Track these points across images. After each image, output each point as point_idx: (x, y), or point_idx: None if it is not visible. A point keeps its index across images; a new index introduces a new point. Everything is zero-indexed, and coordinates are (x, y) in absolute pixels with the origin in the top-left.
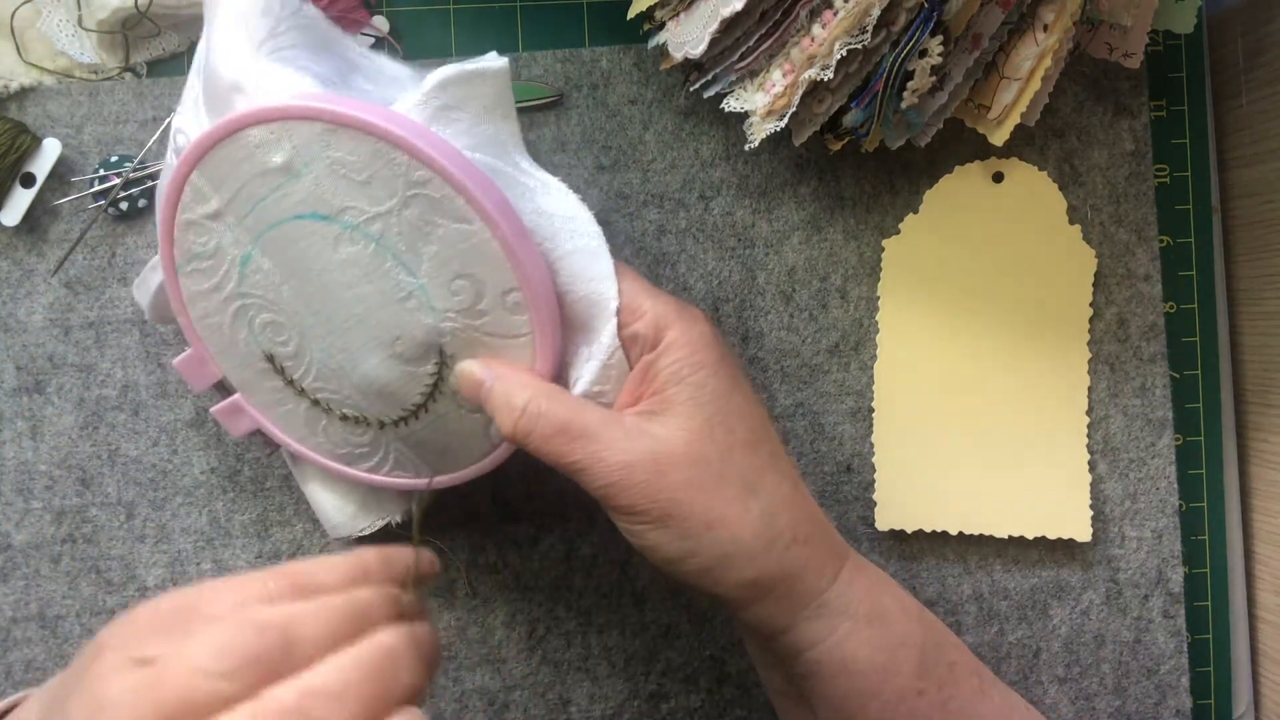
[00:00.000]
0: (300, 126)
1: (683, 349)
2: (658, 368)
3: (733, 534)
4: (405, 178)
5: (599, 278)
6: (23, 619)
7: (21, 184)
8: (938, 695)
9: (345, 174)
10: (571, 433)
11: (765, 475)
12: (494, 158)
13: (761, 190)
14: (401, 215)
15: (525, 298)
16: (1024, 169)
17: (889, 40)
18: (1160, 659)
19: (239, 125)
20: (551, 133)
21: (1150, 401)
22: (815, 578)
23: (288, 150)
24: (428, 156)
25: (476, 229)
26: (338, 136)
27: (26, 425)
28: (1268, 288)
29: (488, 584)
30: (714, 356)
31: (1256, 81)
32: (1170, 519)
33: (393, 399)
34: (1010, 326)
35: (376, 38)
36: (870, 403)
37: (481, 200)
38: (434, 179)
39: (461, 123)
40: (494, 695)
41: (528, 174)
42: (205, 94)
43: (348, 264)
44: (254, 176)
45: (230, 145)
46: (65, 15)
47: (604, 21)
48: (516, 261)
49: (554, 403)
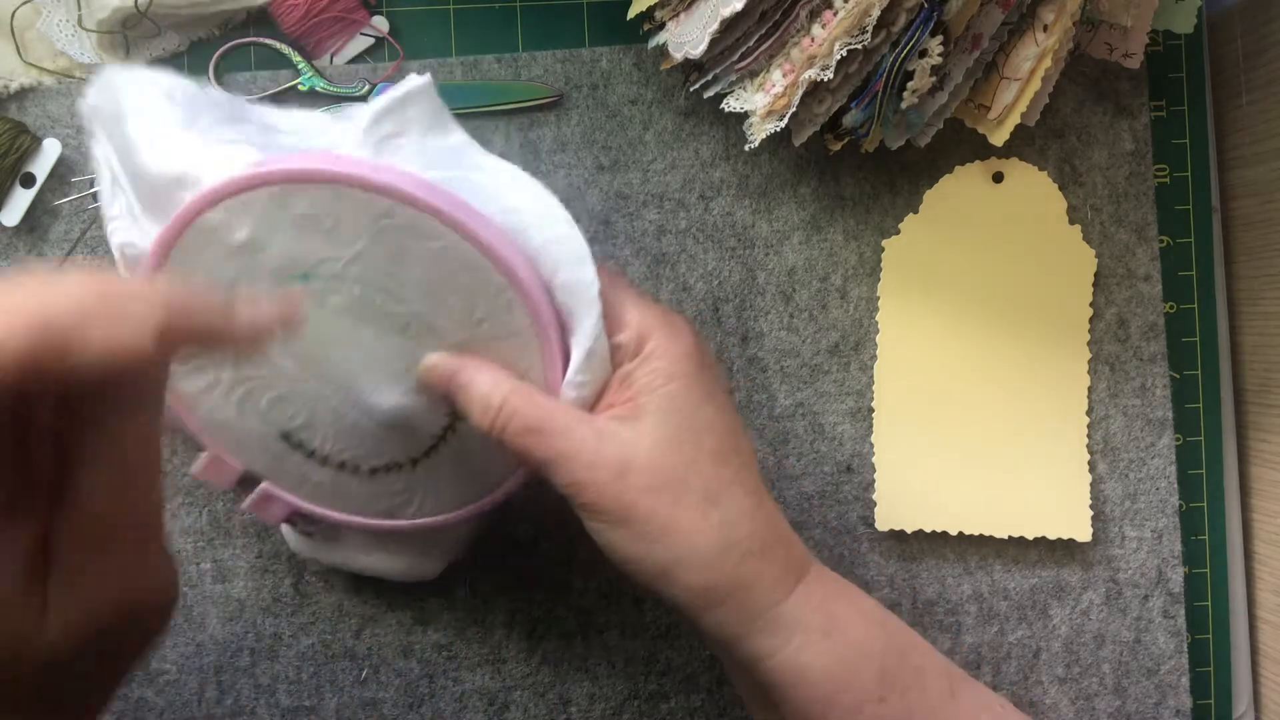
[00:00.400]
0: (254, 196)
1: (660, 360)
2: (635, 376)
3: (688, 540)
4: (369, 212)
5: (576, 262)
6: None
7: (21, 184)
8: (900, 702)
9: (311, 227)
10: (544, 431)
11: (729, 487)
12: (450, 169)
13: (761, 190)
14: (376, 250)
15: (516, 293)
16: (1024, 169)
17: (889, 40)
18: (1160, 659)
19: (194, 213)
20: (551, 133)
21: (1150, 401)
22: (769, 590)
23: (248, 223)
24: (383, 186)
25: (451, 242)
26: (293, 194)
27: None
28: (1268, 288)
29: (488, 584)
30: (690, 369)
31: (1256, 81)
32: (1170, 519)
33: (416, 432)
34: (1010, 327)
35: (376, 38)
36: (870, 403)
37: (448, 212)
38: (396, 206)
39: (407, 148)
40: (494, 695)
41: (490, 172)
42: (142, 201)
43: (339, 314)
44: (220, 260)
45: (189, 237)
46: (65, 15)
47: (604, 21)
48: (497, 259)
49: (528, 402)
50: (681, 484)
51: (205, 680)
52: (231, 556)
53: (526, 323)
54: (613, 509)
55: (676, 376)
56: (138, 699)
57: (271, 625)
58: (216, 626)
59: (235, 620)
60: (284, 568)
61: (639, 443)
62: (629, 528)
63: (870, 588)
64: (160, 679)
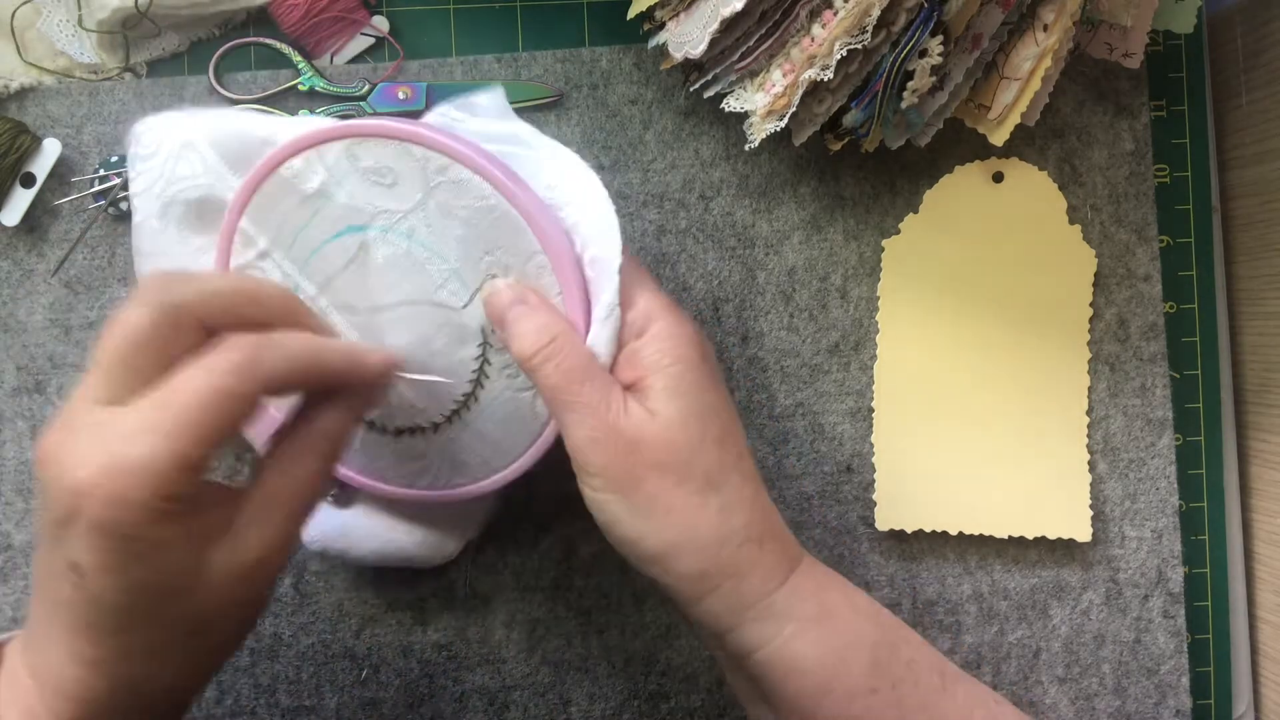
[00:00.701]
0: (329, 148)
1: (666, 340)
2: (641, 355)
3: (687, 523)
4: (426, 170)
5: (606, 242)
6: (23, 619)
7: (21, 184)
8: (892, 694)
9: (374, 180)
10: (578, 380)
11: (729, 474)
12: (504, 144)
13: (761, 190)
14: (428, 207)
15: (550, 259)
16: (1024, 169)
17: (889, 40)
18: (1160, 659)
19: (280, 159)
20: (551, 133)
21: (1150, 401)
22: (763, 579)
23: (321, 172)
24: (444, 144)
25: (496, 203)
26: (363, 147)
27: (26, 425)
28: (1268, 288)
29: (488, 584)
30: (695, 354)
31: (1256, 81)
32: (1170, 519)
33: (439, 396)
34: (1010, 326)
35: (376, 38)
36: (870, 403)
37: (496, 174)
38: (453, 165)
39: (469, 124)
40: (494, 695)
41: (537, 148)
42: (228, 159)
43: (385, 267)
44: (294, 207)
45: (271, 183)
46: (65, 15)
47: (604, 21)
48: (536, 226)
49: (575, 349)
50: (686, 465)
51: None
52: None
53: (556, 291)
54: (621, 479)
55: (682, 359)
56: None
57: (271, 625)
58: None
59: None
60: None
61: (650, 420)
62: (632, 502)
63: (870, 588)
64: None
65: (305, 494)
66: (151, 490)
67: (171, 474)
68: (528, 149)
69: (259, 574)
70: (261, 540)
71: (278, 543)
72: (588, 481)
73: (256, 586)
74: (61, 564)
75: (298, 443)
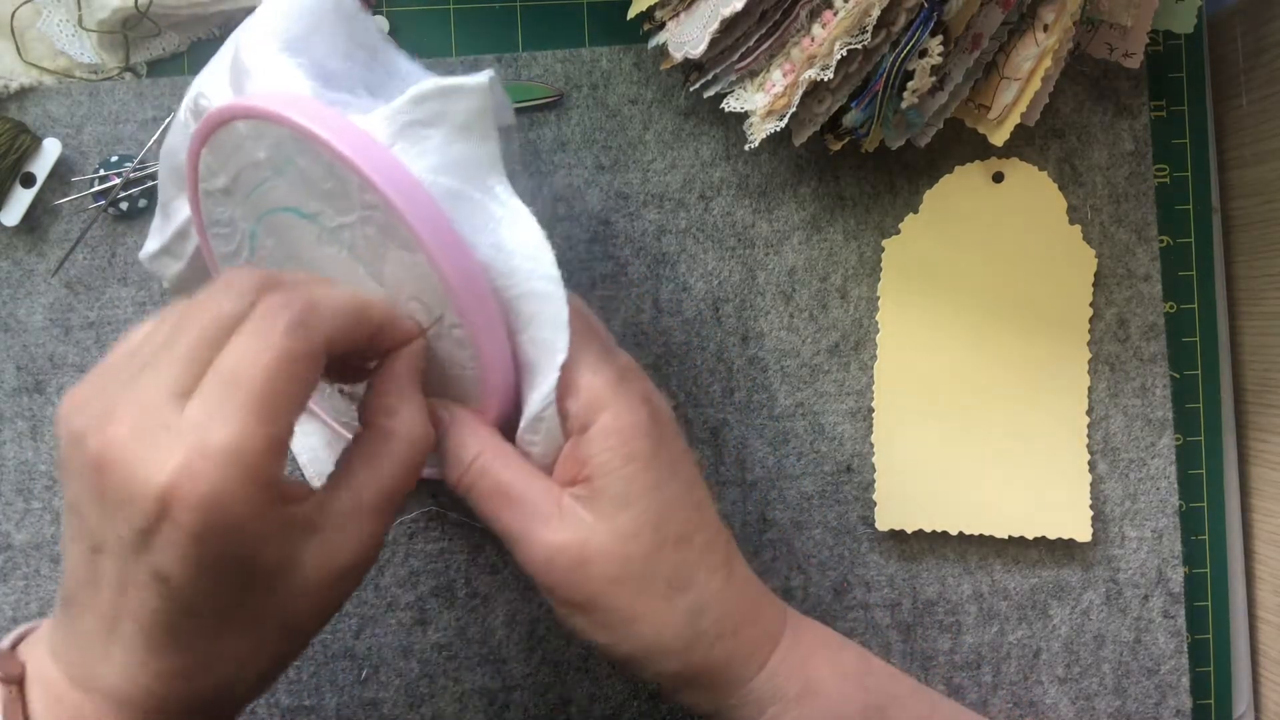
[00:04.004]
0: (272, 129)
1: (613, 437)
2: (588, 454)
3: (655, 631)
4: (358, 198)
5: (551, 324)
6: (23, 619)
7: (21, 184)
8: None
9: (313, 182)
10: (511, 498)
11: (694, 572)
12: (461, 181)
13: (761, 190)
14: (363, 230)
15: (469, 335)
16: (1024, 169)
17: (889, 40)
18: (1160, 659)
19: (229, 116)
20: (551, 133)
21: (1150, 401)
22: (742, 668)
23: (267, 148)
24: (371, 183)
25: (420, 260)
26: (300, 146)
27: (26, 425)
28: (1268, 288)
29: (488, 584)
30: (647, 448)
31: (1256, 81)
32: (1170, 519)
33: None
34: (1010, 326)
35: None
36: (870, 403)
37: (422, 235)
38: (380, 204)
39: (431, 140)
40: (494, 695)
41: (498, 201)
42: (232, 68)
43: (329, 261)
44: (246, 166)
45: (226, 132)
46: (65, 15)
47: (604, 21)
48: (457, 301)
49: (501, 464)
50: (644, 574)
51: None
52: None
53: (471, 366)
54: (574, 598)
55: (634, 458)
56: None
57: None
58: None
59: None
60: None
61: (597, 529)
62: (592, 618)
63: (870, 588)
64: None
65: (393, 490)
66: (245, 478)
67: (263, 456)
68: (489, 197)
69: (350, 576)
70: (352, 541)
71: (369, 543)
72: (545, 597)
73: (345, 588)
74: (144, 575)
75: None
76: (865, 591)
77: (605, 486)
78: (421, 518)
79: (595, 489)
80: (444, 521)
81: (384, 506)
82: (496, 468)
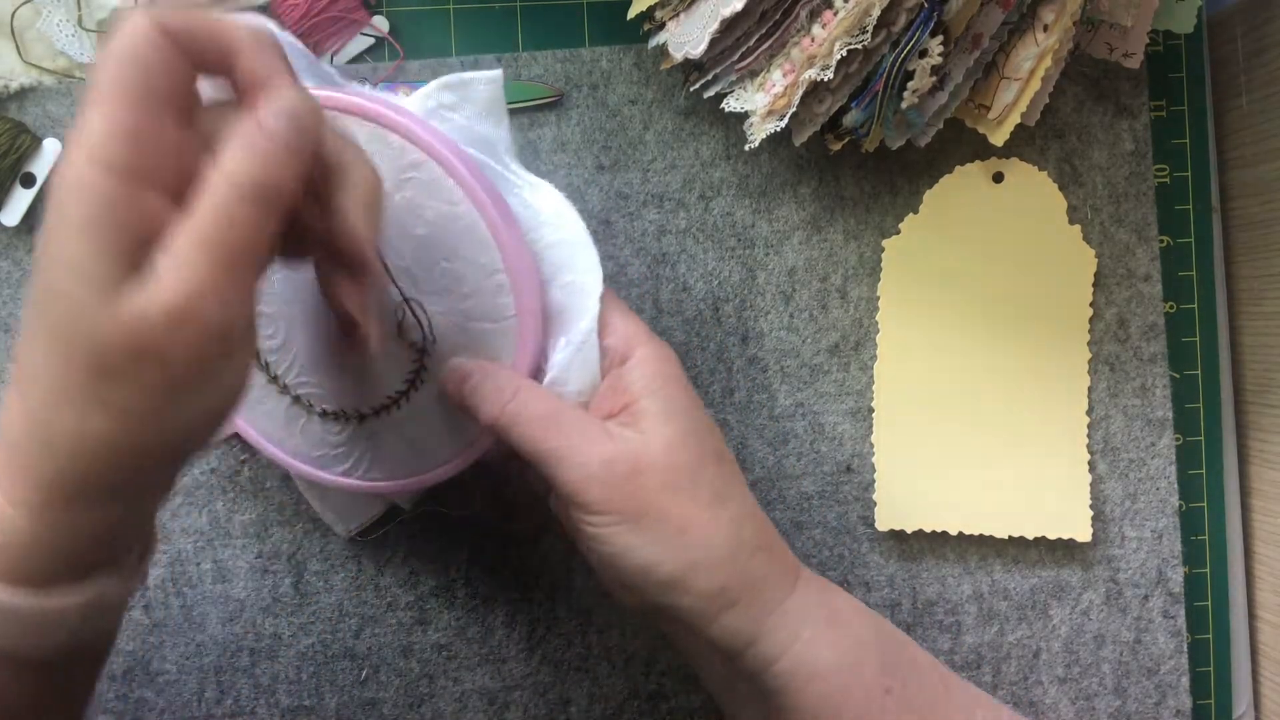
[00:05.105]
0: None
1: (652, 364)
2: (629, 380)
3: (704, 539)
4: (399, 162)
5: (584, 269)
6: None
7: (21, 184)
8: (903, 693)
9: None
10: (558, 420)
11: (733, 486)
12: (485, 155)
13: (761, 190)
14: (395, 199)
15: (510, 279)
16: (1024, 169)
17: (889, 40)
18: (1160, 659)
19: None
20: (551, 133)
21: (1150, 401)
22: (776, 586)
23: None
24: (423, 140)
25: (464, 211)
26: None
27: None
28: (1268, 288)
29: (488, 584)
30: (682, 375)
31: (1256, 81)
32: (1170, 519)
33: (375, 384)
34: (1010, 327)
35: (376, 38)
36: (870, 403)
37: (471, 182)
38: (427, 162)
39: (455, 120)
40: (494, 695)
41: (516, 174)
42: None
43: None
44: None
45: None
46: (65, 15)
47: (604, 21)
48: (502, 243)
49: (541, 394)
50: (693, 483)
51: (205, 680)
52: (231, 556)
53: (511, 314)
54: (626, 507)
55: (673, 380)
56: (138, 699)
57: (271, 625)
58: (216, 626)
59: (235, 620)
60: (284, 568)
61: (650, 442)
62: (642, 529)
63: (870, 588)
64: (160, 679)
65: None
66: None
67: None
68: (507, 170)
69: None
70: (176, 283)
71: (198, 290)
72: (588, 521)
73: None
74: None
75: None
76: (865, 591)
77: (648, 407)
78: (422, 518)
79: (639, 411)
80: (444, 521)
81: (220, 249)
82: (538, 397)
